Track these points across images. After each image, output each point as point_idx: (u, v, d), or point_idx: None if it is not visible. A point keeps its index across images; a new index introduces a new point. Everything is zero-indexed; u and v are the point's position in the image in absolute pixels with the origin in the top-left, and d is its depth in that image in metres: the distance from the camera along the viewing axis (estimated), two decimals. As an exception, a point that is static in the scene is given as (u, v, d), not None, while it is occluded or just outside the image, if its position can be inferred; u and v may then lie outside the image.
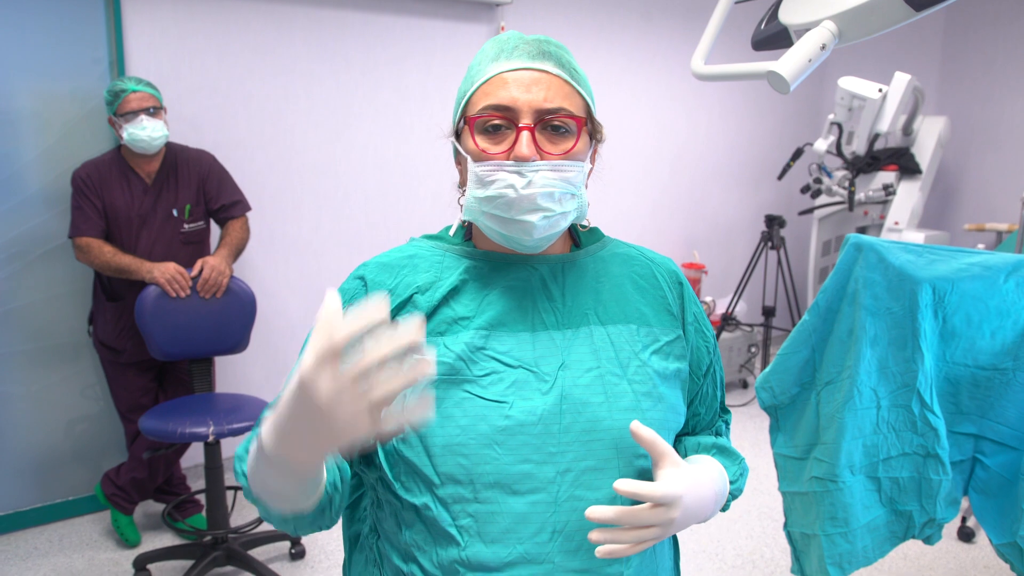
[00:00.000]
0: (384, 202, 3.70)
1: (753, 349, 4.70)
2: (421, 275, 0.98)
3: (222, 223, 2.94)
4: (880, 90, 3.89)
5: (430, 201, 3.85)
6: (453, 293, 0.97)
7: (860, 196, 4.27)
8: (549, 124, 0.92)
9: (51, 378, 3.03)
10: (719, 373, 1.12)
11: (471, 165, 0.94)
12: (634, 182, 4.70)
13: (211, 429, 2.41)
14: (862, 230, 4.50)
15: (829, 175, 4.27)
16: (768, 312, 4.52)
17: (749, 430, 4.09)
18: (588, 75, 1.02)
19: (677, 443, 1.10)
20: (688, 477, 0.90)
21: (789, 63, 1.18)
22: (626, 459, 0.93)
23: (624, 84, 4.47)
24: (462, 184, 1.01)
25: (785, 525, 2.12)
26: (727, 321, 4.46)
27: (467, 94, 0.96)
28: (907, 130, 4.38)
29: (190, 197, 2.83)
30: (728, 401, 4.47)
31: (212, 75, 3.20)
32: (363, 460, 0.99)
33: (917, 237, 4.16)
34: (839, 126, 4.08)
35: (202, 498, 2.91)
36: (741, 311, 4.71)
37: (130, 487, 2.88)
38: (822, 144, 4.11)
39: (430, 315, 0.95)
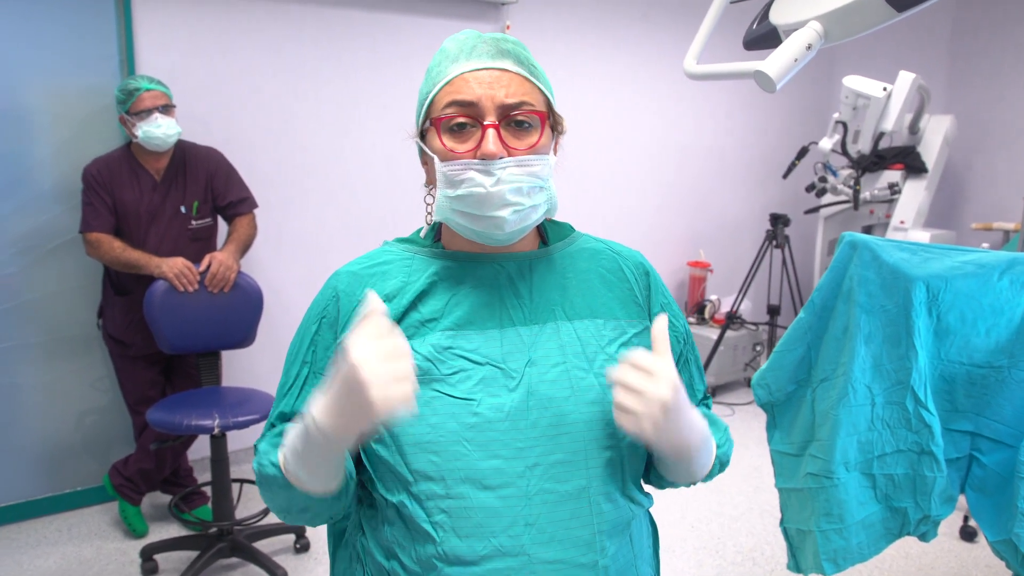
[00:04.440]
0: (390, 199, 3.73)
1: (758, 348, 4.71)
2: (390, 282, 1.00)
3: (230, 220, 2.98)
4: (885, 89, 3.88)
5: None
6: (421, 296, 0.99)
7: (865, 195, 4.27)
8: (513, 120, 0.94)
9: (61, 370, 3.09)
10: (695, 362, 1.14)
11: (439, 165, 0.95)
12: (639, 180, 4.71)
13: (216, 422, 2.45)
14: (868, 229, 4.50)
15: (834, 174, 4.27)
16: (773, 311, 4.53)
17: (754, 428, 4.10)
18: (594, 73, 1.05)
19: None
20: (680, 383, 0.91)
21: (775, 63, 1.20)
22: (594, 451, 0.96)
23: (629, 82, 4.49)
24: (428, 183, 1.03)
25: (781, 521, 2.14)
26: (732, 320, 4.47)
27: (430, 95, 0.97)
28: (913, 129, 4.37)
29: (198, 194, 2.87)
30: (733, 400, 4.52)
31: (220, 73, 3.24)
32: (354, 461, 1.02)
33: (923, 236, 4.15)
34: (844, 125, 4.08)
35: (208, 490, 2.96)
36: (746, 310, 4.72)
37: (138, 478, 2.93)
38: (827, 143, 4.11)
39: (398, 321, 0.97)
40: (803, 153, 4.33)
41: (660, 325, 0.92)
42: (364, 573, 1.00)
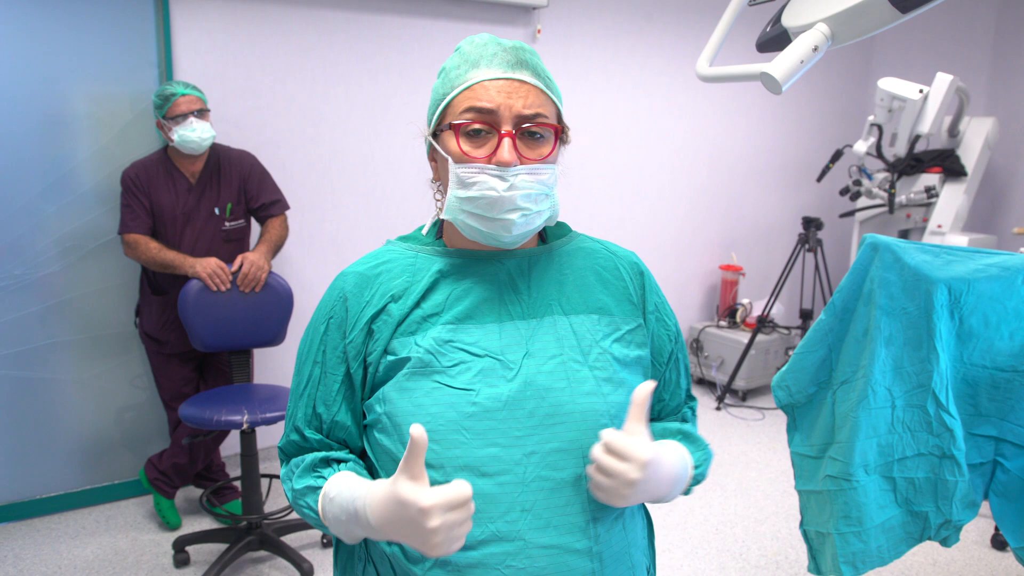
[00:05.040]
0: (419, 201, 3.78)
1: (789, 352, 4.66)
2: (394, 281, 1.03)
3: (262, 221, 3.05)
4: (921, 91, 3.83)
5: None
6: (425, 295, 1.02)
7: (901, 198, 4.21)
8: (527, 131, 0.99)
9: (101, 367, 3.19)
10: (683, 361, 1.17)
11: (453, 167, 0.99)
12: (671, 183, 4.71)
13: (245, 418, 2.52)
14: (904, 233, 4.43)
15: (869, 177, 4.22)
16: (805, 315, 4.49)
17: (783, 432, 4.05)
18: (625, 76, 1.08)
19: None
20: (655, 452, 0.95)
21: (781, 65, 1.21)
22: (589, 440, 0.98)
23: (660, 84, 4.48)
24: (436, 180, 1.08)
25: (801, 524, 2.13)
26: (763, 323, 4.44)
27: (448, 97, 1.01)
28: (953, 132, 4.30)
29: (231, 196, 2.95)
30: (763, 404, 4.49)
31: (255, 78, 3.32)
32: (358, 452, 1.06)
33: (961, 240, 4.08)
34: (879, 128, 4.03)
35: (239, 484, 3.03)
36: (778, 314, 4.68)
37: (172, 472, 3.01)
38: (862, 146, 4.06)
39: (403, 319, 1.01)
40: (837, 156, 4.29)
41: (641, 393, 0.94)
42: (366, 561, 1.04)
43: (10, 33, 2.85)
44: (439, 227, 1.12)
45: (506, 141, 0.97)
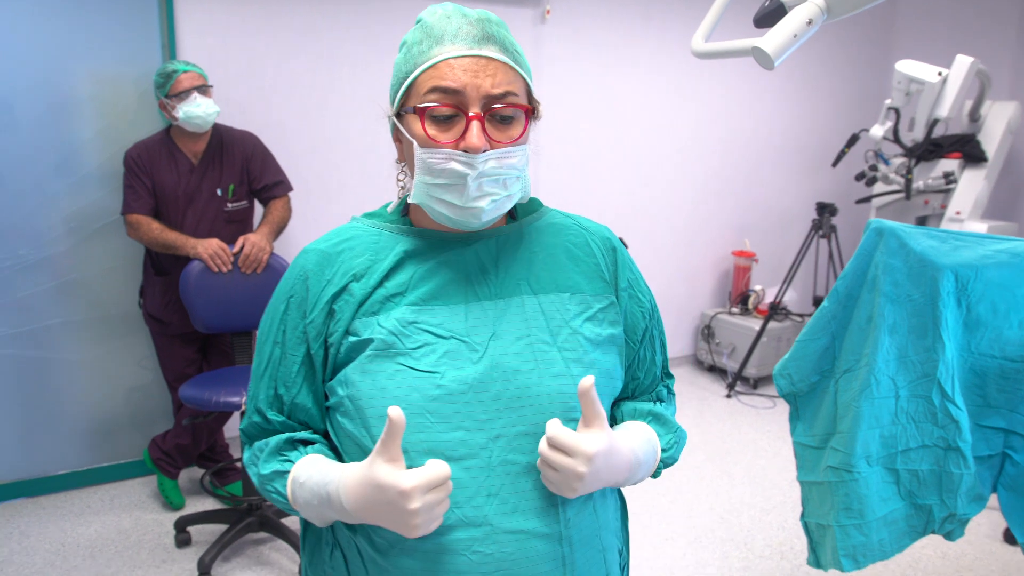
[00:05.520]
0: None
1: (803, 340, 4.59)
2: (357, 260, 0.99)
3: (265, 202, 3.04)
4: (940, 74, 3.73)
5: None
6: (389, 274, 0.99)
7: (919, 184, 4.11)
8: (498, 113, 0.94)
9: (106, 347, 3.20)
10: (659, 338, 1.13)
11: (418, 151, 0.94)
12: (683, 168, 4.64)
13: (243, 399, 2.50)
14: (922, 220, 4.33)
15: (886, 162, 4.13)
16: (818, 302, 4.41)
17: (793, 422, 4.01)
18: (636, 58, 1.03)
19: (615, 407, 1.12)
20: (607, 442, 0.92)
21: (773, 39, 1.16)
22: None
23: (674, 67, 4.41)
24: (400, 160, 1.04)
25: (802, 515, 2.09)
26: (775, 310, 4.37)
27: (411, 76, 0.95)
28: (974, 116, 4.19)
29: (234, 177, 2.93)
30: (774, 392, 4.43)
31: (259, 58, 3.30)
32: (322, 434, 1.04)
33: (980, 227, 3.99)
34: (896, 111, 3.93)
35: (241, 465, 3.03)
36: (791, 300, 4.61)
37: (175, 452, 3.02)
38: (878, 130, 3.97)
39: (365, 299, 0.97)
40: (853, 140, 4.19)
41: (584, 385, 0.90)
42: (333, 546, 1.02)
43: (14, 15, 2.84)
44: (405, 204, 1.08)
45: (474, 125, 0.91)
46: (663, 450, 1.06)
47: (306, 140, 3.46)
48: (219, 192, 2.91)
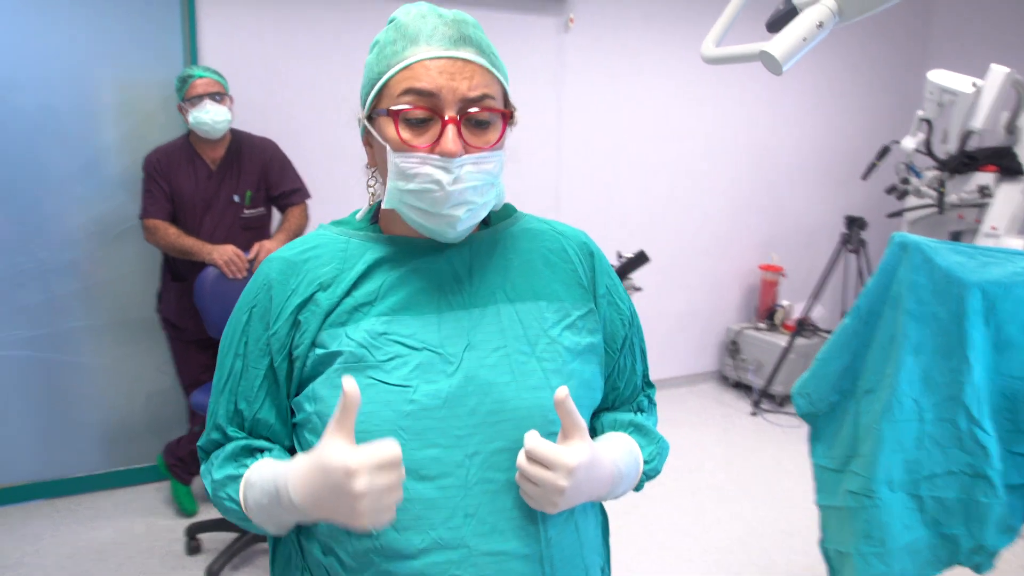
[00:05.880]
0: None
1: (831, 357, 4.47)
2: (323, 268, 0.95)
3: (282, 209, 3.03)
4: (974, 84, 3.62)
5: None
6: (357, 283, 0.94)
7: (952, 198, 3.99)
8: (474, 118, 0.90)
9: (125, 351, 3.21)
10: (639, 346, 1.09)
11: (392, 156, 0.90)
12: (709, 179, 4.56)
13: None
14: (956, 235, 4.21)
15: (918, 175, 4.02)
16: (848, 318, 4.29)
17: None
18: (661, 68, 0.98)
19: (595, 419, 1.08)
20: (589, 454, 0.88)
21: (782, 43, 1.11)
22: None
23: (699, 76, 4.34)
24: (371, 165, 0.99)
25: (821, 541, 2.01)
26: (802, 326, 4.27)
27: (383, 77, 0.91)
28: (1010, 128, 4.06)
29: (252, 183, 2.93)
30: (799, 409, 4.30)
31: (280, 65, 3.30)
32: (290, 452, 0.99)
33: (1016, 243, 3.85)
34: (929, 123, 3.82)
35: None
36: (820, 316, 4.50)
37: (189, 459, 3.01)
38: (910, 142, 3.86)
39: (332, 309, 0.93)
40: (884, 153, 4.09)
41: (559, 396, 0.86)
42: (303, 569, 0.97)
43: (38, 20, 2.87)
44: (375, 212, 1.03)
45: (450, 129, 0.87)
46: (646, 462, 1.02)
47: (325, 147, 3.45)
48: (236, 198, 2.90)
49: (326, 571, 0.94)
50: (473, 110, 0.89)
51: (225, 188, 2.89)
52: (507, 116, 0.93)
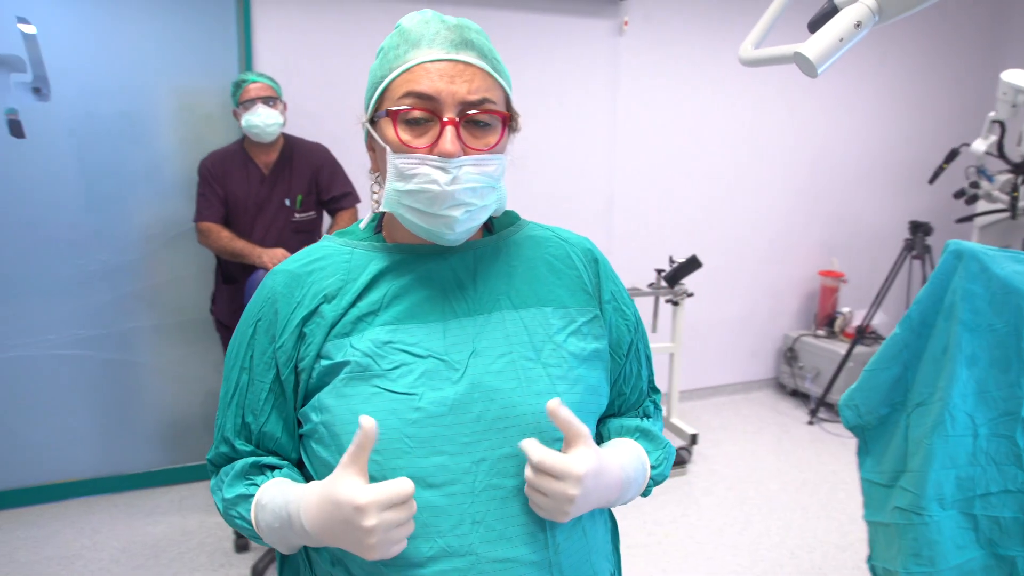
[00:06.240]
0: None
1: (894, 366, 4.32)
2: (328, 280, 0.95)
3: (332, 213, 3.07)
4: (1050, 84, 3.45)
5: (543, 197, 3.84)
6: (362, 294, 0.94)
7: (1025, 203, 3.81)
8: (473, 119, 0.90)
9: (182, 352, 3.30)
10: (644, 352, 1.09)
11: (391, 157, 0.91)
12: (767, 183, 4.45)
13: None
14: (1030, 241, 4.02)
15: (989, 179, 3.85)
16: (911, 327, 4.14)
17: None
18: (718, 71, 0.97)
19: (601, 424, 1.07)
20: (596, 461, 0.87)
21: (817, 44, 1.07)
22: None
23: (757, 77, 4.24)
24: (374, 171, 0.99)
25: (869, 558, 1.94)
26: (863, 334, 4.13)
27: (385, 81, 0.92)
28: (1089, 130, 3.86)
29: (303, 188, 2.98)
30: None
31: (333, 71, 3.35)
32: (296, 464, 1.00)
33: (1094, 251, 3.66)
34: (1001, 124, 3.66)
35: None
36: (881, 324, 4.36)
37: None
38: (981, 144, 3.70)
39: (337, 320, 0.93)
40: (953, 156, 3.93)
41: (551, 407, 0.86)
42: None
43: (97, 29, 2.98)
44: (378, 222, 1.04)
45: (448, 130, 0.88)
46: (653, 467, 1.02)
47: (377, 152, 3.49)
48: (287, 202, 2.96)
49: None
50: (472, 112, 0.89)
51: (277, 192, 2.95)
52: (507, 119, 0.93)
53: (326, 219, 3.15)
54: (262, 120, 2.79)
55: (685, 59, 4.03)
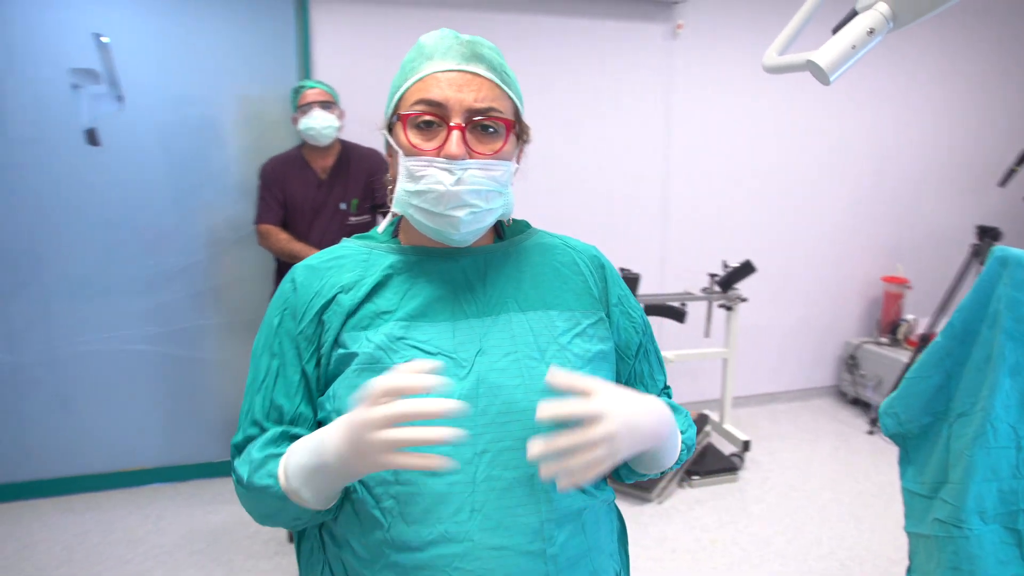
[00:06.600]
0: (551, 200, 3.75)
1: (960, 376, 4.18)
2: (346, 274, 1.01)
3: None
4: None
5: (603, 199, 3.85)
6: (377, 288, 1.00)
7: (1102, 207, 3.64)
8: (479, 124, 0.96)
9: (243, 349, 3.43)
10: (654, 353, 1.13)
11: (402, 159, 0.98)
12: (828, 187, 4.36)
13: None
14: (1108, 247, 3.83)
15: (1063, 182, 3.69)
16: (978, 335, 4.00)
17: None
18: (770, 75, 1.01)
19: None
20: (618, 393, 0.89)
21: (829, 51, 1.07)
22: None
23: (815, 80, 4.16)
24: (392, 176, 1.05)
25: (909, 570, 1.90)
26: (926, 342, 4.01)
27: (400, 90, 1.00)
28: None
29: (358, 192, 3.07)
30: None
31: (388, 80, 3.41)
32: None
33: None
34: (1076, 125, 3.51)
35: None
36: (947, 332, 4.21)
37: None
38: (1053, 146, 3.56)
39: (353, 311, 0.98)
40: (1024, 157, 3.78)
41: (552, 377, 0.88)
42: (324, 564, 1.03)
43: (162, 39, 3.14)
44: (396, 225, 1.11)
45: (455, 134, 0.95)
46: (680, 431, 1.05)
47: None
48: (343, 206, 3.05)
49: (343, 564, 0.99)
50: (478, 118, 0.96)
51: (333, 196, 3.05)
52: (511, 126, 0.99)
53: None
54: (318, 123, 2.89)
55: (739, 62, 3.99)
